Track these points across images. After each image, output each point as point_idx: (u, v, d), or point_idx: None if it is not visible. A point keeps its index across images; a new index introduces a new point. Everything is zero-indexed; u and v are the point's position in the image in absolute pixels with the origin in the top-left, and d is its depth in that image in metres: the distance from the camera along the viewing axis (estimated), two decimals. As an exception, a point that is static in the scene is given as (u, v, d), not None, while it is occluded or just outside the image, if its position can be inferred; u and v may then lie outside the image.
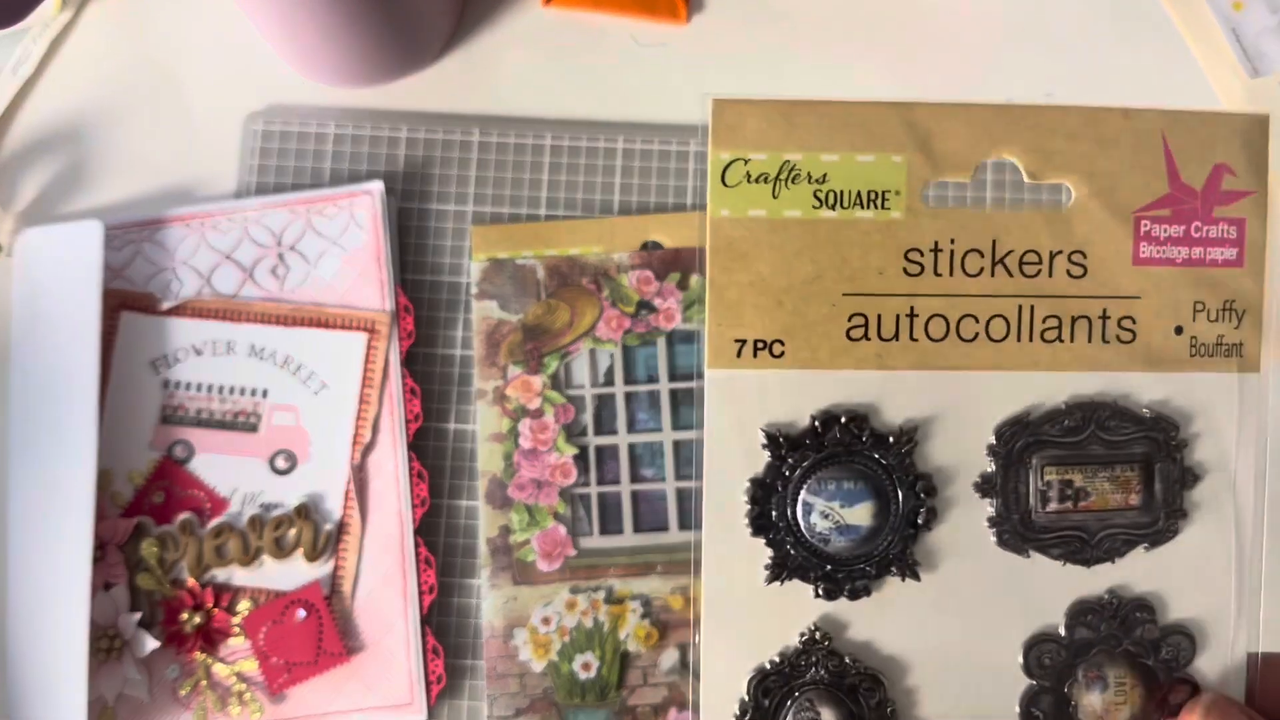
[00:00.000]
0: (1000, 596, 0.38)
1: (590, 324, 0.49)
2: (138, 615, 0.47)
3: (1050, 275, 0.39)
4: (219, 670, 0.47)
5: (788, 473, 0.38)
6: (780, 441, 0.39)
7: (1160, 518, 0.39)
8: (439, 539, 0.49)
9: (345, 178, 0.52)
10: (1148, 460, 0.39)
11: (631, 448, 0.49)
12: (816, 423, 0.39)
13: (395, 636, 0.47)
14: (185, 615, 0.47)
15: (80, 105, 0.54)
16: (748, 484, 0.39)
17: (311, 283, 0.50)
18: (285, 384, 0.49)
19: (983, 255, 0.39)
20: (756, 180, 0.39)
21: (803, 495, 0.38)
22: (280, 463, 0.49)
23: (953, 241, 0.39)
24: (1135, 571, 0.39)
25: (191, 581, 0.48)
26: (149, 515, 0.48)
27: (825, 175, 0.39)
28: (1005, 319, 0.38)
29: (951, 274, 0.39)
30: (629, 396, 0.49)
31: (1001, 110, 0.39)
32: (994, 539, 0.39)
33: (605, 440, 0.49)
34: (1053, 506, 0.39)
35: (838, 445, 0.38)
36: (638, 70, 0.54)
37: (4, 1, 0.53)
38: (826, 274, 0.39)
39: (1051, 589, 0.39)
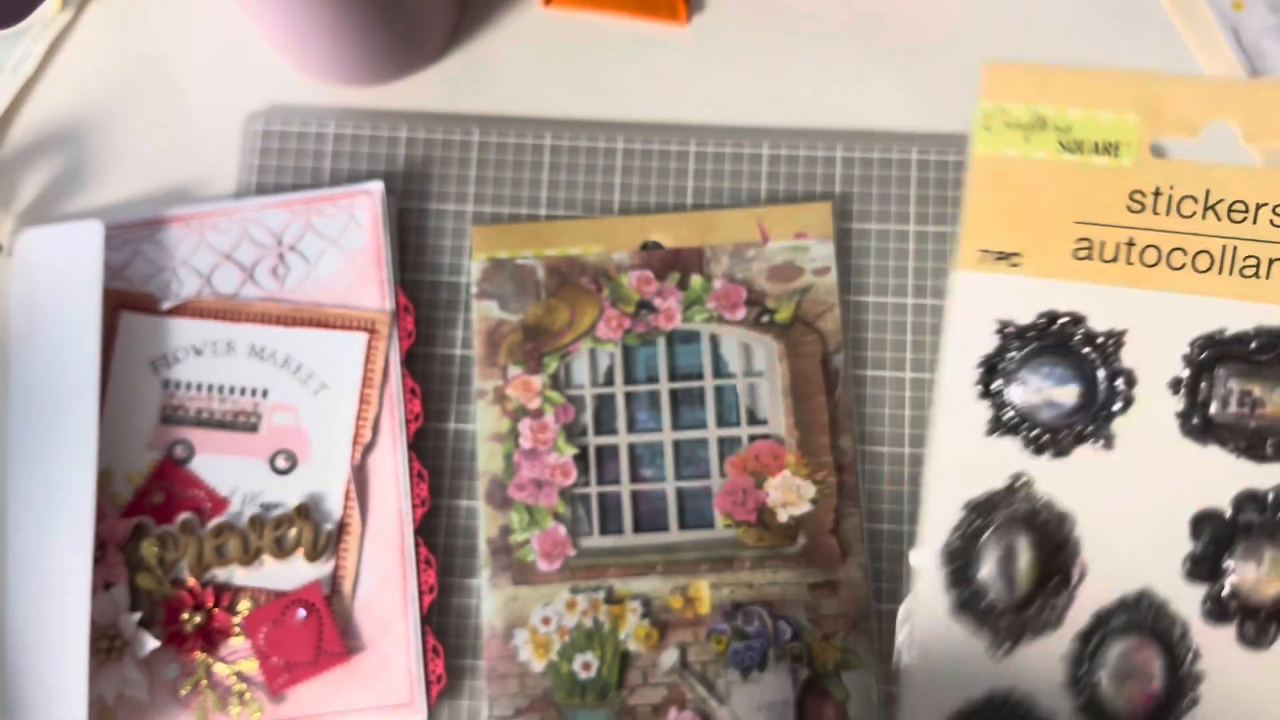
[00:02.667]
0: (1177, 476, 0.45)
1: (590, 324, 0.50)
2: (138, 615, 0.47)
3: (1254, 223, 0.45)
4: (219, 670, 0.47)
5: (1012, 354, 0.46)
6: (1009, 330, 0.46)
7: None
8: (439, 539, 0.49)
9: (345, 178, 0.52)
10: None
11: (631, 448, 0.49)
12: (1040, 318, 0.46)
13: (395, 636, 0.47)
14: (185, 615, 0.47)
15: (80, 105, 0.54)
16: (979, 359, 0.47)
17: (311, 283, 0.50)
18: (285, 384, 0.49)
19: (1196, 201, 0.46)
20: (1012, 126, 0.47)
21: (1022, 372, 0.46)
22: (280, 462, 0.49)
23: (1172, 188, 0.46)
24: None
25: (192, 581, 0.48)
26: (149, 515, 0.48)
27: (1070, 126, 0.46)
28: (1210, 254, 0.45)
29: (1168, 214, 0.46)
30: (629, 397, 0.49)
31: (1226, 84, 0.47)
32: (1178, 429, 0.45)
33: (605, 440, 0.49)
34: (1232, 410, 0.45)
35: (1055, 338, 0.46)
36: (638, 70, 0.54)
37: (4, 1, 0.53)
38: (1062, 205, 0.46)
39: (1223, 477, 0.45)
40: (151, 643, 0.47)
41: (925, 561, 0.46)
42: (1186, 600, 0.45)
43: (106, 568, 0.48)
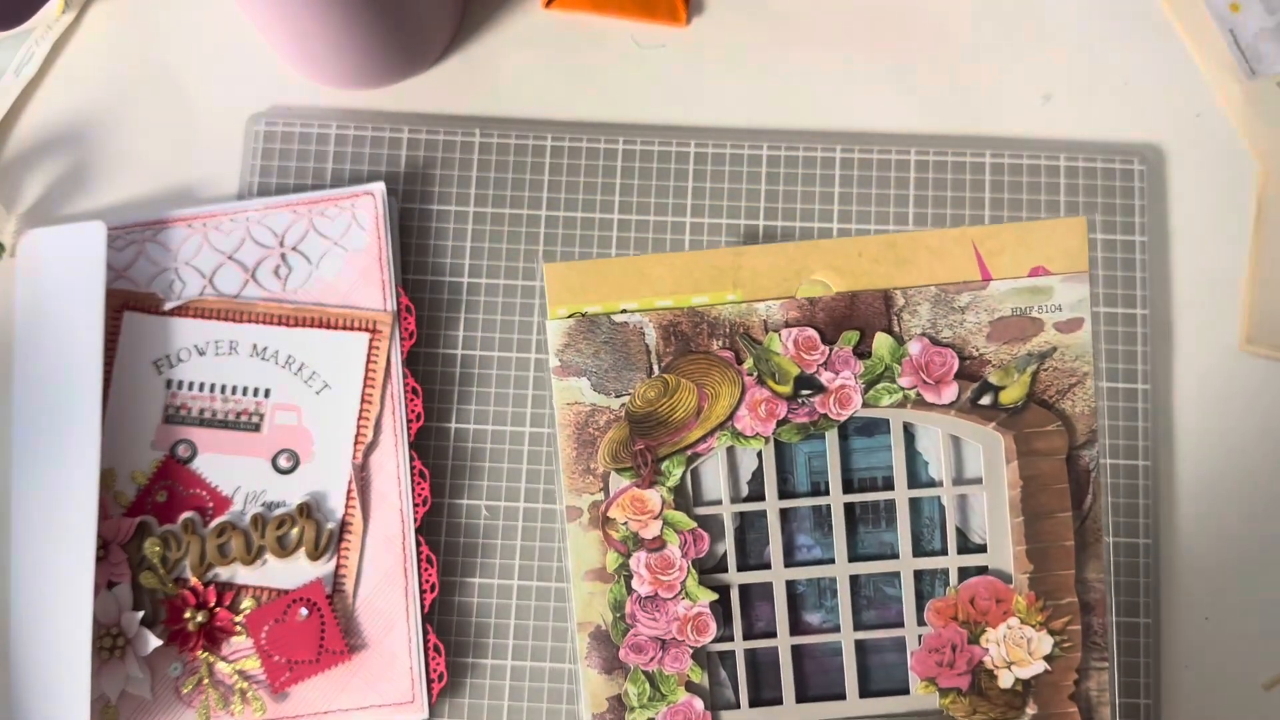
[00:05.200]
0: None
1: (728, 411, 0.36)
2: (140, 614, 0.47)
3: None
4: (221, 668, 0.48)
5: None
6: None
7: None
8: (440, 538, 0.49)
9: (347, 178, 0.52)
10: None
11: (791, 587, 0.37)
12: None
13: (397, 635, 0.48)
14: (188, 614, 0.48)
15: (84, 106, 0.54)
16: None
17: (314, 283, 0.50)
18: (288, 384, 0.49)
19: None
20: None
21: None
22: (283, 462, 0.49)
23: None
24: None
25: (194, 580, 0.48)
26: (152, 514, 0.48)
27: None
28: None
29: None
30: (786, 515, 0.37)
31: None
32: None
33: (753, 577, 0.37)
34: None
35: None
36: (638, 71, 0.54)
37: (8, 3, 0.53)
38: None
39: None
40: (154, 641, 0.47)
41: None
42: None
43: (109, 566, 0.48)
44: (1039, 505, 0.35)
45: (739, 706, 0.36)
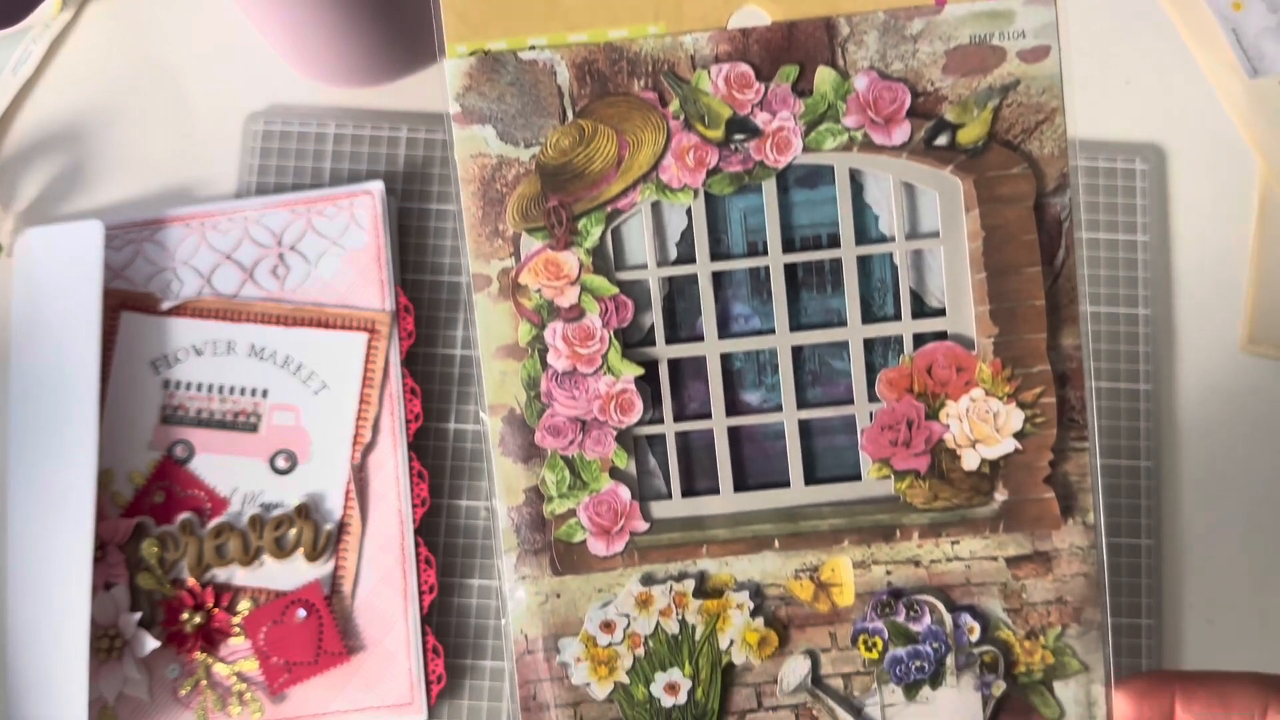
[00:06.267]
0: None
1: (651, 160, 0.31)
2: (138, 615, 0.47)
3: None
4: (219, 670, 0.47)
5: None
6: None
7: None
8: (439, 539, 0.49)
9: (345, 178, 0.52)
10: None
11: (726, 361, 0.33)
12: None
13: (395, 636, 0.47)
14: (186, 615, 0.47)
15: (81, 105, 0.54)
16: None
17: (312, 283, 0.50)
18: (285, 384, 0.49)
19: None
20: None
21: None
22: (280, 462, 0.49)
23: None
24: None
25: (192, 581, 0.48)
26: (149, 515, 0.48)
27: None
28: None
29: None
30: (720, 279, 0.32)
31: None
32: None
33: (684, 350, 0.33)
34: None
35: None
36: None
37: (4, 2, 0.53)
38: None
39: None
40: (152, 642, 0.47)
41: None
42: None
43: (107, 567, 0.48)
44: (1004, 259, 0.31)
45: (670, 497, 0.33)
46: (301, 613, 0.47)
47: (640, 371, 0.32)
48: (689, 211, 0.32)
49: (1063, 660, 0.32)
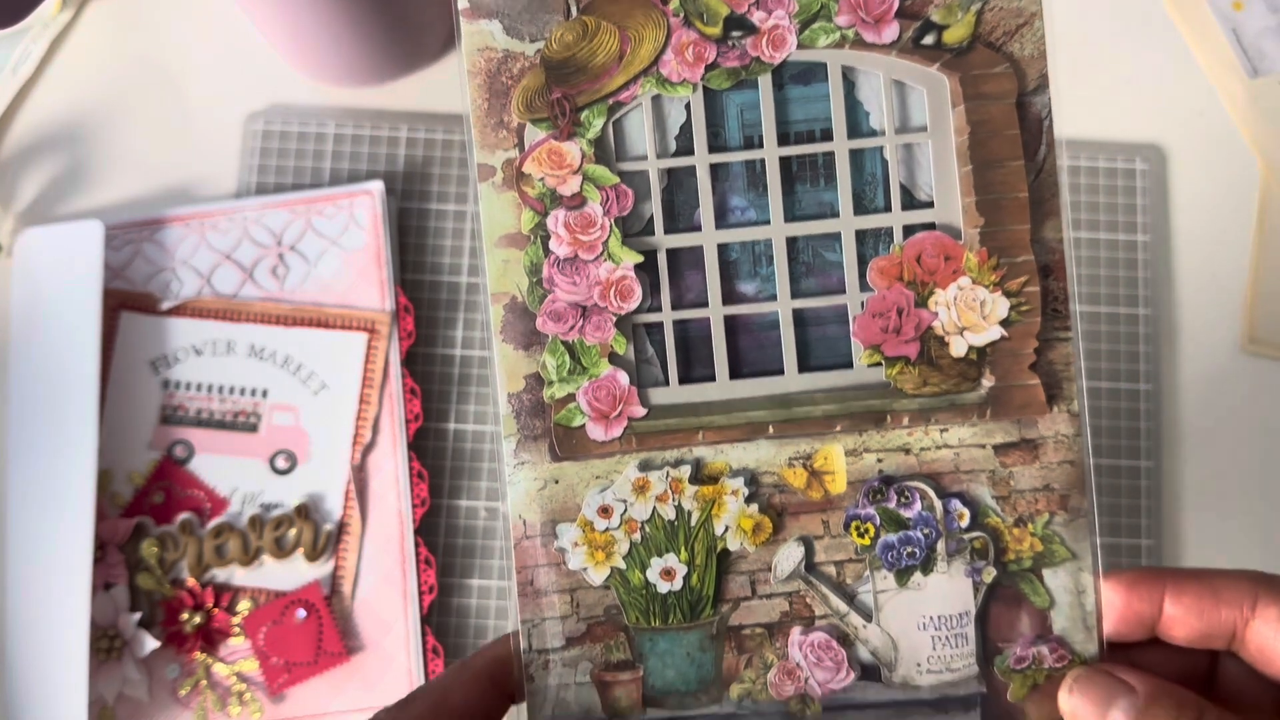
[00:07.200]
0: None
1: (652, 55, 0.33)
2: (138, 615, 0.47)
3: None
4: (219, 670, 0.47)
5: None
6: None
7: None
8: (439, 539, 0.49)
9: (345, 177, 0.52)
10: None
11: (723, 251, 0.34)
12: None
13: (395, 636, 0.47)
14: (185, 615, 0.47)
15: (80, 105, 0.54)
16: None
17: (311, 283, 0.50)
18: (285, 384, 0.49)
19: None
20: None
21: None
22: (280, 463, 0.49)
23: None
24: None
25: (191, 581, 0.48)
26: (149, 515, 0.48)
27: None
28: None
29: None
30: (717, 171, 0.34)
31: None
32: None
33: (682, 240, 0.34)
34: None
35: None
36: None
37: (4, 2, 0.53)
38: None
39: None
40: (151, 643, 0.47)
41: None
42: None
43: (106, 568, 0.48)
44: (989, 153, 0.33)
45: (667, 383, 0.34)
46: (301, 613, 0.47)
47: (640, 259, 0.33)
48: (688, 106, 0.33)
49: (1051, 548, 0.33)
